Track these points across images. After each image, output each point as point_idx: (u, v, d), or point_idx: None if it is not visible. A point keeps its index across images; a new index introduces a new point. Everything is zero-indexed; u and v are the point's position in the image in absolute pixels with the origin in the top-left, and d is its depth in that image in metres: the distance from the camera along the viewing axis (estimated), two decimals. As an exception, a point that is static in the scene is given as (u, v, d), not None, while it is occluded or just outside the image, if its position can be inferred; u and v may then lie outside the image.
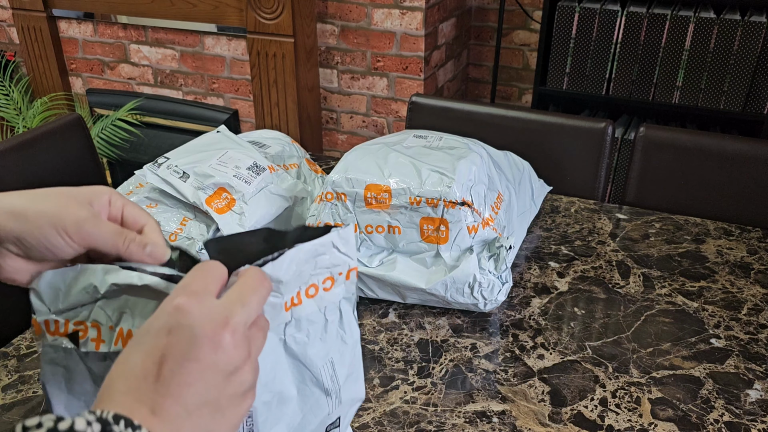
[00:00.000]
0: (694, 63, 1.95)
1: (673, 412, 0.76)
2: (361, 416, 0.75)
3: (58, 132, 1.29)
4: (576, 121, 1.36)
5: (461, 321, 0.91)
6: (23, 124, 2.43)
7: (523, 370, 0.82)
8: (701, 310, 0.93)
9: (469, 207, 0.90)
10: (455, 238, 0.91)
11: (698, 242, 1.10)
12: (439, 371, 0.82)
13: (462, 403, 0.78)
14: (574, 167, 1.36)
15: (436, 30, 2.13)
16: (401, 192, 0.90)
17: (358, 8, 2.09)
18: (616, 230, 1.13)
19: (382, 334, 0.89)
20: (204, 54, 2.33)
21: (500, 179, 1.01)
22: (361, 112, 2.27)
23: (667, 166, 1.30)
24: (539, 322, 0.91)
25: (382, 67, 2.16)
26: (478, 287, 0.88)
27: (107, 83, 2.56)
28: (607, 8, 1.98)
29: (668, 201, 1.28)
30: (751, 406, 0.77)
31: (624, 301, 0.95)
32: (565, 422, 0.75)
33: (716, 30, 1.89)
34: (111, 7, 2.33)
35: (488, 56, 2.47)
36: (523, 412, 0.76)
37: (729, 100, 1.96)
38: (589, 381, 0.81)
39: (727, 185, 1.26)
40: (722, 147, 1.27)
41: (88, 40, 2.49)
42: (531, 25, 2.35)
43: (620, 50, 2.01)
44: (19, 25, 2.49)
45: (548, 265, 1.03)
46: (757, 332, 0.89)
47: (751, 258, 1.06)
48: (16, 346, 0.87)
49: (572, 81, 2.10)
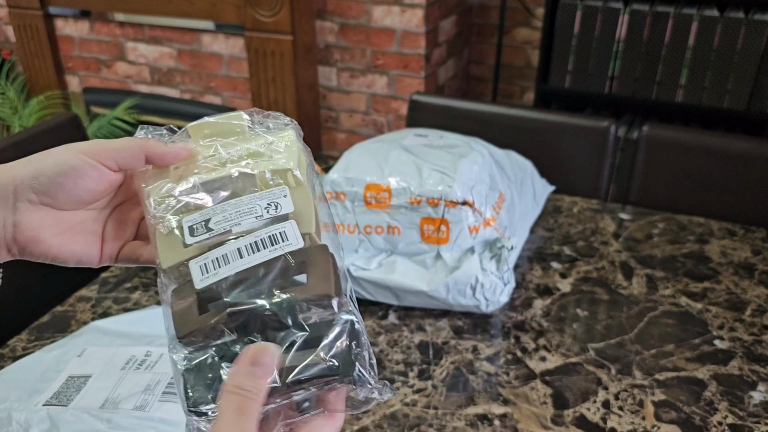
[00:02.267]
0: (697, 61, 1.93)
1: (676, 415, 0.75)
2: (360, 419, 0.74)
3: (54, 131, 1.28)
4: (578, 119, 1.35)
5: (462, 323, 0.90)
6: (19, 123, 2.42)
7: (524, 373, 0.81)
8: (705, 311, 0.92)
9: (471, 207, 0.89)
10: (456, 238, 0.90)
11: (702, 242, 1.09)
12: (439, 373, 0.81)
13: (463, 405, 0.76)
14: (576, 166, 1.34)
15: (436, 27, 2.12)
16: (401, 191, 0.89)
17: (358, 5, 2.07)
18: (619, 230, 1.12)
19: (382, 335, 0.88)
20: (201, 52, 2.32)
21: (502, 179, 1.00)
22: (361, 111, 2.26)
23: (670, 165, 1.29)
24: (541, 323, 0.90)
25: (382, 65, 2.14)
26: (480, 288, 0.87)
27: (104, 81, 2.54)
28: (609, 6, 1.97)
29: (671, 200, 1.27)
30: (755, 408, 0.76)
31: (627, 303, 0.94)
32: (567, 425, 0.74)
33: (720, 28, 1.88)
34: (107, 4, 2.32)
35: (489, 54, 2.46)
36: (524, 414, 0.75)
37: (733, 99, 1.94)
38: (591, 383, 0.80)
39: (731, 185, 1.25)
40: (726, 146, 1.26)
41: (85, 38, 2.48)
42: (533, 23, 2.34)
43: (623, 48, 2.00)
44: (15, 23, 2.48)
45: (550, 266, 1.02)
46: (761, 333, 0.88)
47: (755, 258, 1.05)
48: (12, 347, 0.86)
49: (575, 79, 2.09)
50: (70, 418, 0.65)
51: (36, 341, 0.87)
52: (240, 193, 0.39)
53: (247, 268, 0.37)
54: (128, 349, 0.76)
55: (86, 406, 0.67)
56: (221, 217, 0.38)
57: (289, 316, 0.36)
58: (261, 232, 0.38)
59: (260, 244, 0.37)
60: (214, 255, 0.37)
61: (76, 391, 0.70)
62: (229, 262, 0.37)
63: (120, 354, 0.75)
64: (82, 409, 0.66)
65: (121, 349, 0.76)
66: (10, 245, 0.39)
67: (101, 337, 0.81)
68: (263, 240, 0.38)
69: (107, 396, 0.69)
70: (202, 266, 0.37)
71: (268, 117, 0.43)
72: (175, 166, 0.41)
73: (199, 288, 0.37)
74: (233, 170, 0.40)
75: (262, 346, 0.35)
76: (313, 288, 0.36)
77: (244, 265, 0.37)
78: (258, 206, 0.39)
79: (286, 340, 0.35)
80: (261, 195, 0.39)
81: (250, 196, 0.39)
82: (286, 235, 0.38)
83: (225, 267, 0.37)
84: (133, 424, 0.64)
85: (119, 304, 0.94)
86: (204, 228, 0.38)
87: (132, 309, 0.93)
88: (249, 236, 0.38)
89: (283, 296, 0.36)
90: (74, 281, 0.99)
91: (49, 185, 0.39)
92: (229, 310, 0.35)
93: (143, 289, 0.98)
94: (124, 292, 0.97)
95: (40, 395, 0.70)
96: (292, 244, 0.37)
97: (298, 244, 0.37)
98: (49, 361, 0.76)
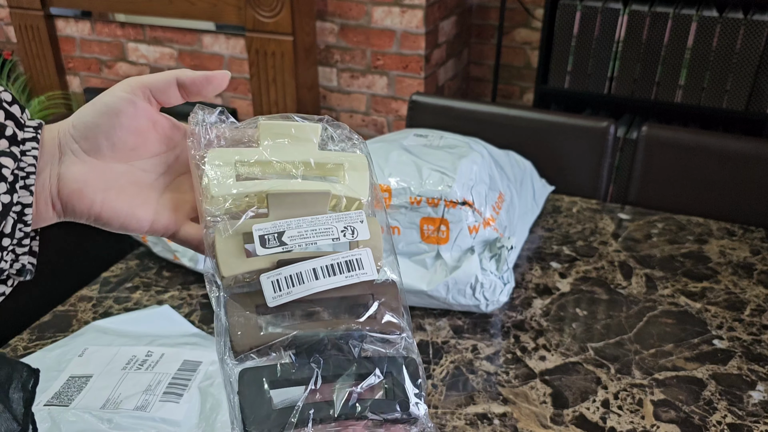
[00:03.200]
0: (696, 62, 1.94)
1: (675, 414, 0.75)
2: (360, 419, 0.75)
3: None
4: (578, 120, 1.35)
5: (462, 322, 0.90)
6: (21, 123, 2.42)
7: (524, 372, 0.82)
8: (704, 311, 0.93)
9: (470, 207, 0.89)
10: (456, 238, 0.90)
11: (701, 242, 1.09)
12: (439, 373, 0.82)
13: (463, 405, 0.77)
14: (575, 167, 1.35)
15: (436, 28, 2.12)
16: (401, 191, 0.89)
17: (358, 6, 2.08)
18: (618, 230, 1.13)
19: (382, 335, 0.88)
20: (202, 52, 2.32)
21: (501, 179, 1.00)
22: (361, 111, 2.26)
23: (669, 165, 1.29)
24: (541, 323, 0.90)
25: (382, 65, 2.15)
26: (480, 288, 0.87)
27: (105, 82, 2.55)
28: (609, 6, 1.97)
29: (671, 201, 1.27)
30: (754, 407, 0.76)
31: (626, 302, 0.94)
32: (566, 424, 0.74)
33: (719, 28, 1.88)
34: (109, 5, 2.32)
35: (489, 54, 2.46)
36: (524, 414, 0.75)
37: (732, 99, 1.95)
38: (591, 382, 0.80)
39: (730, 185, 1.25)
40: (725, 146, 1.26)
41: (86, 38, 2.48)
42: (532, 24, 2.34)
43: (622, 49, 2.00)
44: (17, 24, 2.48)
45: (550, 266, 1.02)
46: (759, 333, 0.88)
47: (754, 258, 1.05)
48: (14, 347, 0.86)
49: (574, 80, 2.09)
50: (72, 418, 0.65)
51: (37, 341, 0.87)
52: (311, 210, 0.38)
53: (319, 291, 0.35)
54: (129, 349, 0.76)
55: (87, 406, 0.67)
56: (296, 232, 0.36)
57: (356, 347, 0.35)
58: (338, 256, 0.36)
59: (336, 268, 0.36)
60: (288, 272, 0.35)
61: (77, 390, 0.70)
62: (303, 282, 0.35)
63: (121, 354, 0.75)
64: (83, 409, 0.66)
65: (122, 349, 0.76)
66: (55, 200, 0.37)
67: (102, 336, 0.81)
68: (340, 264, 0.36)
69: (108, 396, 0.69)
70: (275, 282, 0.35)
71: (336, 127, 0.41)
72: (238, 159, 0.38)
73: (272, 305, 0.35)
74: (307, 184, 0.38)
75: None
76: (384, 324, 0.36)
77: (318, 288, 0.35)
78: (335, 228, 0.37)
79: (351, 372, 0.35)
80: (338, 217, 0.38)
81: (326, 216, 0.37)
82: (362, 263, 0.37)
83: (299, 287, 0.35)
84: (134, 425, 0.65)
85: (120, 304, 0.94)
86: (277, 240, 0.36)
87: (133, 309, 0.93)
88: (325, 258, 0.36)
89: (353, 325, 0.35)
90: (75, 281, 1.00)
91: (87, 129, 0.37)
92: (296, 332, 0.34)
93: (144, 288, 0.98)
94: (125, 292, 0.97)
95: (41, 395, 0.70)
96: (368, 273, 0.36)
97: (372, 274, 0.36)
98: (50, 360, 0.76)
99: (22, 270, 0.37)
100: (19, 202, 0.35)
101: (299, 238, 0.36)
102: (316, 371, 0.34)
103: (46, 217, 0.38)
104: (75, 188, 0.37)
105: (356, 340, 0.35)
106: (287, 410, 0.33)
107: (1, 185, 0.34)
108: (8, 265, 0.36)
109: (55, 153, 0.38)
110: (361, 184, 0.39)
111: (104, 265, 1.03)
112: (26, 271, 0.37)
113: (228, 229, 0.36)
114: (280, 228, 0.36)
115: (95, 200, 0.38)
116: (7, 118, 0.35)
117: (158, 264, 1.03)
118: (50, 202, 0.37)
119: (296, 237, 0.36)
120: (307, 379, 0.34)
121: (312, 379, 0.34)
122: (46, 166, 0.37)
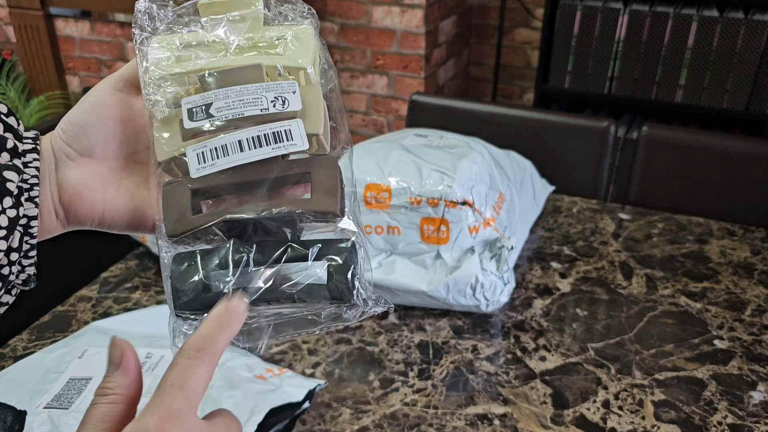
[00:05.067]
0: (697, 61, 1.93)
1: (676, 414, 0.75)
2: (360, 419, 0.75)
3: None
4: (578, 120, 1.35)
5: (462, 322, 0.90)
6: (21, 123, 2.42)
7: (524, 372, 0.82)
8: (704, 311, 0.93)
9: (470, 207, 0.89)
10: (456, 238, 0.90)
11: (701, 242, 1.09)
12: (439, 373, 0.81)
13: (463, 405, 0.77)
14: (576, 167, 1.35)
15: (436, 28, 2.12)
16: (401, 191, 0.89)
17: (358, 6, 2.07)
18: (618, 230, 1.12)
19: (382, 335, 0.88)
20: (203, 52, 2.32)
21: (502, 179, 1.00)
22: (361, 111, 2.26)
23: (669, 165, 1.29)
24: (541, 323, 0.90)
25: (382, 65, 2.15)
26: (480, 288, 0.87)
27: (106, 81, 2.55)
28: (609, 6, 1.97)
29: (671, 201, 1.27)
30: (755, 407, 0.76)
31: (627, 302, 0.94)
32: (567, 425, 0.74)
33: (719, 28, 1.88)
34: (108, 5, 2.32)
35: (489, 54, 2.46)
36: (524, 414, 0.75)
37: (732, 99, 1.94)
38: (591, 383, 0.80)
39: (730, 185, 1.25)
40: (725, 146, 1.26)
41: (86, 38, 2.48)
42: (532, 23, 2.34)
43: (623, 48, 2.00)
44: (16, 24, 2.48)
45: (550, 266, 1.02)
46: (760, 333, 0.88)
47: (754, 258, 1.05)
48: (13, 347, 0.86)
49: (574, 79, 2.09)
50: (72, 421, 0.65)
51: (36, 341, 0.87)
52: (246, 83, 0.36)
53: (245, 164, 0.35)
54: (129, 350, 0.76)
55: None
56: (223, 103, 0.35)
57: (288, 229, 0.34)
58: (265, 127, 0.35)
59: (263, 139, 0.35)
60: (213, 144, 0.35)
61: (77, 393, 0.70)
62: (228, 154, 0.35)
63: (121, 354, 0.75)
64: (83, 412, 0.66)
65: (121, 350, 0.76)
66: (57, 209, 0.38)
67: (102, 337, 0.81)
68: (267, 135, 0.35)
69: (108, 396, 0.69)
70: (200, 154, 0.35)
71: (285, 3, 0.40)
72: (181, 42, 0.38)
73: (196, 176, 0.35)
74: (241, 59, 0.37)
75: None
76: (318, 203, 0.35)
77: (243, 160, 0.35)
78: (264, 98, 0.36)
79: (282, 254, 0.34)
80: (268, 86, 0.36)
81: (256, 86, 0.36)
82: (291, 134, 0.35)
83: (223, 158, 0.35)
84: (133, 425, 0.64)
85: (120, 304, 0.94)
86: (204, 113, 0.35)
87: (132, 309, 0.93)
88: (252, 129, 0.35)
89: (284, 208, 0.34)
90: (75, 281, 1.00)
91: (77, 129, 0.37)
92: (227, 216, 0.34)
93: (144, 288, 0.98)
94: (124, 292, 0.97)
95: (41, 397, 0.70)
96: (297, 144, 0.35)
97: (303, 145, 0.35)
98: (51, 361, 0.76)
99: (28, 280, 0.37)
100: (25, 215, 0.35)
101: (226, 110, 0.35)
102: (247, 254, 0.34)
103: (51, 227, 0.38)
104: (74, 192, 0.37)
105: (288, 224, 0.34)
106: (217, 293, 0.34)
107: (7, 200, 0.34)
108: (15, 276, 0.36)
109: (51, 161, 0.38)
110: (304, 53, 0.38)
111: (104, 265, 1.03)
112: (31, 281, 0.37)
113: (164, 111, 0.36)
114: (208, 100, 0.36)
115: (95, 201, 0.38)
116: (6, 131, 0.35)
117: (158, 264, 1.03)
118: (53, 211, 0.37)
119: (223, 108, 0.35)
120: (238, 261, 0.34)
121: (242, 261, 0.34)
122: (45, 176, 0.37)
